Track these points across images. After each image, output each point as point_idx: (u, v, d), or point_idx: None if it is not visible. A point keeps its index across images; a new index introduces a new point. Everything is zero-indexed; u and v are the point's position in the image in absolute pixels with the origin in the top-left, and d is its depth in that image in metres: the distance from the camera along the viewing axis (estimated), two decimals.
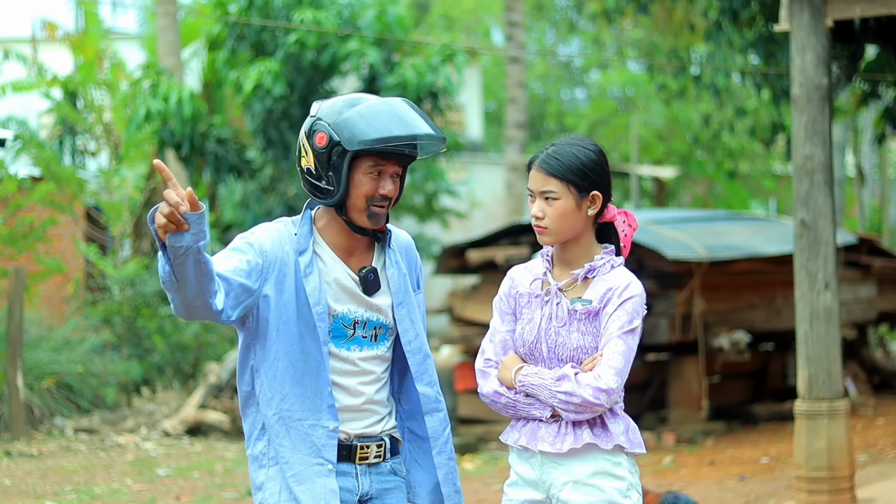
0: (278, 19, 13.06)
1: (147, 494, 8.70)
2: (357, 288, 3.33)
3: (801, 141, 6.89)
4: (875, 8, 6.94)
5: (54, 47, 16.40)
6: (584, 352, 3.33)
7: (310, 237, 3.32)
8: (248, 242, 3.28)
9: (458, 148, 14.85)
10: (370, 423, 3.35)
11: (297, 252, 3.29)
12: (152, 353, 12.84)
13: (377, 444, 3.35)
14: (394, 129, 3.20)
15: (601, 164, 3.37)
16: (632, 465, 3.37)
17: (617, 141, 28.29)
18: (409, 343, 3.39)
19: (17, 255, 12.01)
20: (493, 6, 29.84)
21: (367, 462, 3.33)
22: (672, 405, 10.92)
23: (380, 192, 3.27)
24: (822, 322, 6.86)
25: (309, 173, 3.30)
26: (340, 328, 3.31)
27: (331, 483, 3.25)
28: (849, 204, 24.90)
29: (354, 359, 3.33)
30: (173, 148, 13.62)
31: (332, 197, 3.26)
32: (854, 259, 12.23)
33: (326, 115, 3.27)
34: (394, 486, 3.38)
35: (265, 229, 3.32)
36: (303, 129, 3.33)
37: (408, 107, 3.28)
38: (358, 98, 3.31)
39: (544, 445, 3.35)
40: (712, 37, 12.40)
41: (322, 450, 3.25)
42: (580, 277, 3.37)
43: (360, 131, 3.20)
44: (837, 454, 6.80)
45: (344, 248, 3.35)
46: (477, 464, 9.70)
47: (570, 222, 3.35)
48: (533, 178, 3.37)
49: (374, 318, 3.35)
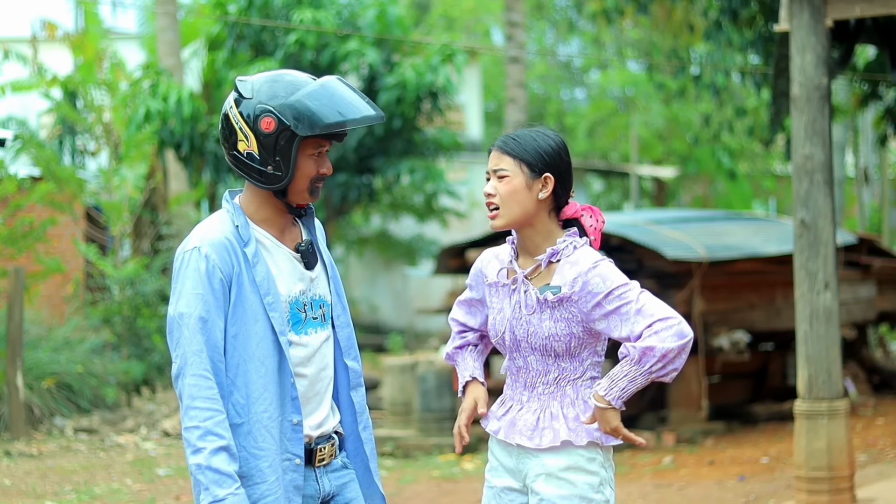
0: (278, 19, 13.07)
1: (147, 494, 8.70)
2: (300, 264, 3.29)
3: (800, 141, 6.90)
4: (875, 8, 6.94)
5: (54, 47, 16.39)
6: (557, 339, 3.33)
7: (248, 226, 3.24)
8: (210, 282, 3.17)
9: (458, 148, 14.84)
10: (324, 415, 3.31)
11: (241, 244, 3.21)
12: (152, 352, 12.84)
13: (330, 443, 3.32)
14: (347, 113, 3.17)
15: (559, 151, 3.39)
16: (606, 459, 3.38)
17: (617, 141, 28.29)
18: (339, 317, 3.36)
19: (17, 255, 12.01)
20: (493, 6, 29.83)
21: (323, 464, 3.31)
22: (672, 405, 10.92)
23: (321, 171, 3.25)
24: (821, 322, 6.87)
25: (251, 158, 3.20)
26: (296, 313, 3.26)
27: (297, 479, 3.22)
28: (849, 204, 24.90)
29: (312, 343, 3.29)
30: (173, 148, 13.63)
31: (277, 182, 3.20)
32: (854, 259, 12.23)
33: (268, 98, 3.18)
34: (348, 479, 3.37)
35: (210, 244, 3.19)
36: (233, 109, 3.22)
37: (347, 87, 3.24)
38: (291, 75, 3.25)
39: (522, 439, 3.37)
40: (712, 36, 12.40)
41: (289, 445, 3.21)
42: (544, 263, 3.37)
43: (315, 116, 3.15)
44: (837, 454, 6.81)
45: (279, 229, 3.29)
46: (477, 464, 9.70)
47: (519, 201, 3.35)
48: (490, 158, 3.41)
49: (318, 297, 3.32)
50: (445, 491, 8.72)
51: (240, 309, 3.18)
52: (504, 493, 3.45)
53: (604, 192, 29.09)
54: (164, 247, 14.28)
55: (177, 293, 3.18)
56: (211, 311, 3.15)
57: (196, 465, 3.10)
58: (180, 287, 3.18)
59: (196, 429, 3.11)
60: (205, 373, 3.13)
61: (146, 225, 15.39)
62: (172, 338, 3.17)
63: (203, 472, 3.10)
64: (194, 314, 3.14)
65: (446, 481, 9.11)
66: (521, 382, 3.42)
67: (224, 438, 3.11)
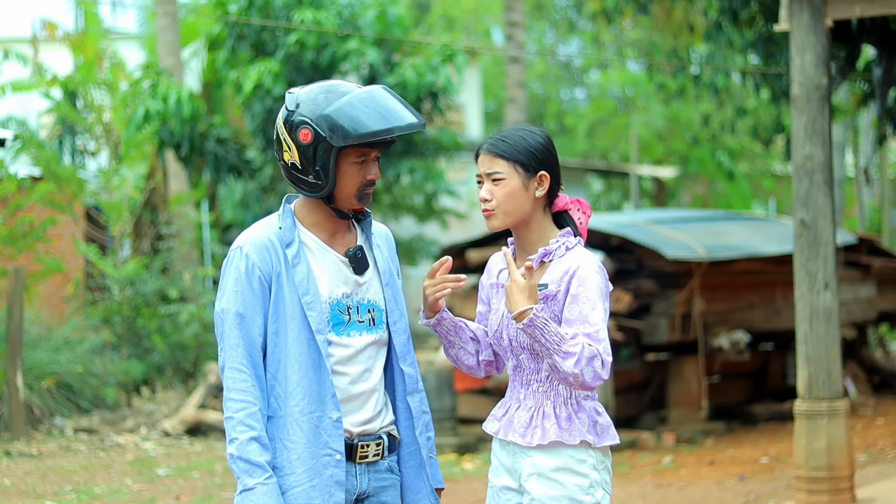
0: (278, 19, 13.07)
1: (147, 494, 8.70)
2: (347, 269, 3.34)
3: (800, 141, 6.90)
4: (875, 8, 6.94)
5: (54, 47, 16.40)
6: None
7: (294, 229, 3.32)
8: (249, 281, 3.27)
9: (458, 148, 14.84)
10: (370, 415, 3.35)
11: (283, 245, 3.30)
12: (152, 352, 12.84)
13: (376, 442, 3.36)
14: (381, 123, 3.22)
15: (548, 147, 3.40)
16: (598, 461, 3.37)
17: (617, 141, 28.29)
18: (395, 323, 3.41)
19: (16, 255, 12.01)
20: (493, 6, 29.83)
21: (366, 461, 3.34)
22: (672, 405, 10.92)
23: (367, 177, 3.30)
24: (821, 322, 6.87)
25: (294, 168, 3.29)
26: (337, 314, 3.31)
27: (338, 474, 3.27)
28: (849, 204, 24.90)
29: (354, 345, 3.33)
30: (173, 148, 13.63)
31: (320, 190, 3.27)
32: (854, 259, 12.23)
33: (308, 110, 3.25)
34: (390, 483, 3.40)
35: (252, 244, 3.29)
36: (280, 122, 3.31)
37: (390, 96, 3.29)
38: (336, 86, 3.30)
39: (515, 436, 3.39)
40: (712, 37, 12.39)
41: (329, 440, 3.26)
42: (536, 262, 3.38)
43: (349, 127, 3.20)
44: (837, 454, 6.81)
45: (329, 233, 3.36)
46: (477, 463, 9.70)
47: (517, 203, 3.37)
48: (481, 162, 3.41)
49: (366, 301, 3.36)
50: (445, 491, 8.70)
51: (280, 307, 3.27)
52: (502, 493, 3.47)
53: (604, 192, 29.10)
54: (164, 247, 14.28)
55: (221, 289, 3.32)
56: (248, 308, 3.26)
57: (230, 455, 3.22)
58: (223, 284, 3.31)
59: (231, 419, 3.23)
60: (240, 366, 3.24)
61: (146, 225, 15.40)
62: (217, 331, 3.31)
63: (235, 462, 3.22)
64: (233, 310, 3.27)
65: (446, 481, 9.08)
66: (518, 381, 3.45)
67: (255, 429, 3.21)
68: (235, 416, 3.22)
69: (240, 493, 3.21)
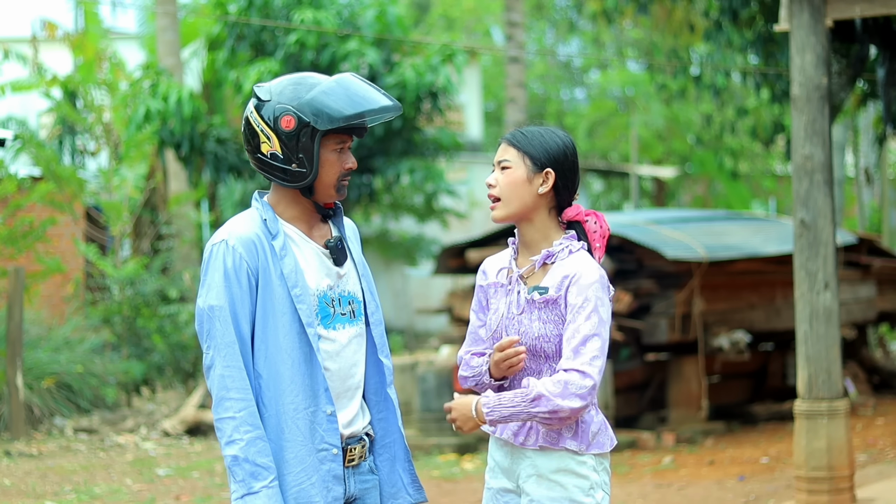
0: (278, 19, 13.06)
1: (147, 494, 8.70)
2: (328, 260, 3.32)
3: (800, 141, 6.90)
4: (875, 8, 6.94)
5: (54, 47, 16.40)
6: (547, 339, 3.34)
7: (277, 221, 3.30)
8: (237, 275, 3.22)
9: (458, 148, 14.83)
10: (354, 412, 3.33)
11: (269, 237, 3.27)
12: (152, 352, 12.84)
13: (360, 444, 3.34)
14: (364, 105, 3.24)
15: (564, 150, 3.40)
16: (598, 463, 3.37)
17: (617, 141, 28.28)
18: (373, 314, 3.40)
19: (16, 255, 12.01)
20: (493, 6, 29.83)
21: (353, 465, 3.33)
22: (672, 405, 10.92)
23: (345, 166, 3.30)
24: (821, 322, 6.87)
25: (275, 158, 3.25)
26: (324, 307, 3.29)
27: (336, 469, 3.25)
28: (849, 204, 24.90)
29: (340, 339, 3.31)
30: (173, 148, 13.61)
31: (304, 179, 3.26)
32: (854, 259, 12.23)
33: (287, 98, 3.25)
34: (371, 485, 3.39)
35: (238, 238, 3.24)
36: (254, 114, 3.28)
37: (361, 81, 3.32)
38: (305, 77, 3.32)
39: (508, 434, 3.40)
40: (712, 37, 12.39)
41: (325, 435, 3.24)
42: (538, 264, 3.38)
43: (333, 110, 3.21)
44: (837, 454, 6.81)
45: (308, 226, 3.34)
46: (477, 464, 9.70)
47: (518, 193, 3.37)
48: (497, 152, 3.46)
49: (347, 293, 3.34)
50: (445, 491, 8.71)
51: (268, 302, 3.23)
52: (500, 495, 3.46)
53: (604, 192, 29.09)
54: (164, 247, 14.28)
55: (206, 286, 3.23)
56: (238, 304, 3.20)
57: (232, 457, 3.14)
58: (209, 280, 3.23)
59: (231, 419, 3.15)
60: (238, 364, 3.18)
61: (146, 225, 15.40)
62: (203, 329, 3.22)
63: (239, 464, 3.13)
64: (224, 306, 3.19)
65: (446, 481, 9.11)
66: (518, 381, 3.43)
67: (259, 428, 3.16)
68: (237, 415, 3.15)
69: (242, 497, 3.14)
